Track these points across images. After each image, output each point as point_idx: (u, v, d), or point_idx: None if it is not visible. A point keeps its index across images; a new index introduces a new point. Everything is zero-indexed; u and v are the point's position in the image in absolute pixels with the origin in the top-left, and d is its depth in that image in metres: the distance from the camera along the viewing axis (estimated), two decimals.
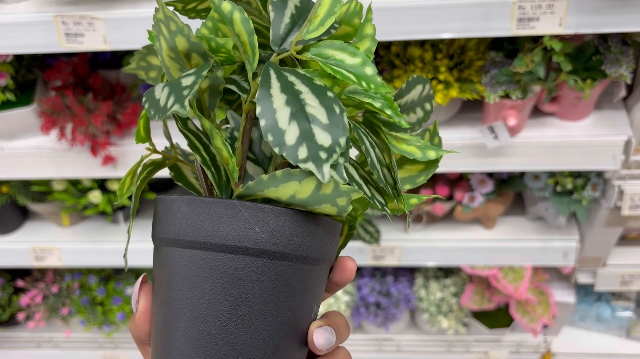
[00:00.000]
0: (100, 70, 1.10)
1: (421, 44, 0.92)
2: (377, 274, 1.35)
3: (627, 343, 1.37)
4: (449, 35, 0.81)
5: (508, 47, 0.94)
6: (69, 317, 1.42)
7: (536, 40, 0.86)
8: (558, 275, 1.32)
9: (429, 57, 0.90)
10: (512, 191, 1.17)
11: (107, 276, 1.41)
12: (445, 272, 1.34)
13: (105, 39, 0.84)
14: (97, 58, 1.12)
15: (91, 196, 1.14)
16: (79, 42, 0.84)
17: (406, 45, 0.92)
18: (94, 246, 1.23)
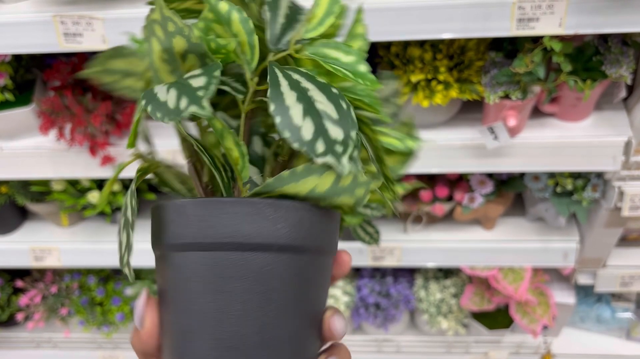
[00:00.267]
0: None
1: (421, 44, 0.92)
2: (377, 275, 1.34)
3: (627, 344, 1.37)
4: (448, 35, 0.81)
5: (508, 48, 0.93)
6: (68, 317, 1.42)
7: (536, 41, 0.86)
8: (558, 275, 1.32)
9: (429, 58, 0.90)
10: (512, 192, 1.17)
11: (106, 276, 1.41)
12: (445, 273, 1.34)
13: (104, 38, 0.84)
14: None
15: (90, 197, 1.13)
16: (77, 42, 0.84)
17: (406, 45, 0.92)
18: (93, 246, 1.23)
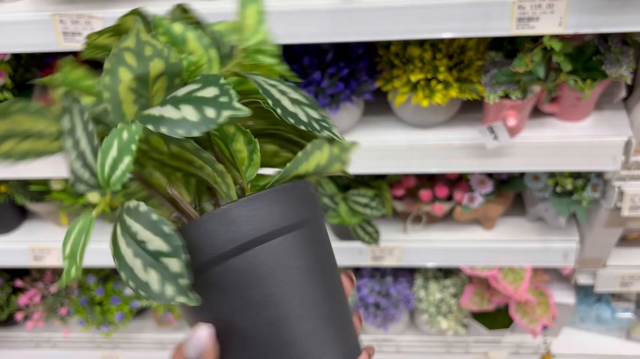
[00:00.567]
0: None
1: (420, 43, 0.92)
2: (377, 274, 1.34)
3: (627, 344, 1.37)
4: (448, 34, 0.81)
5: (508, 47, 0.93)
6: (67, 317, 1.41)
7: (536, 40, 0.86)
8: (558, 275, 1.32)
9: (429, 57, 0.90)
10: (511, 192, 1.17)
11: (105, 276, 1.41)
12: (444, 273, 1.34)
13: None
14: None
15: (89, 196, 1.13)
16: (76, 41, 0.84)
17: (405, 44, 0.92)
18: (92, 246, 1.23)
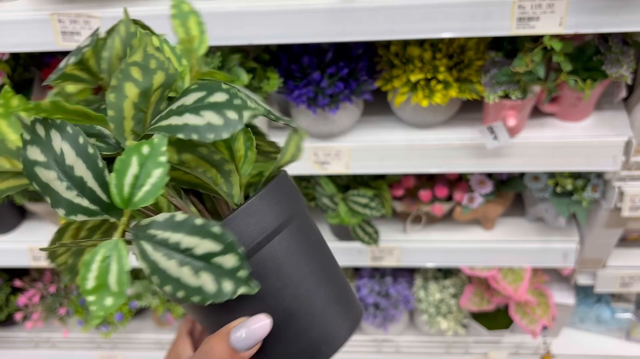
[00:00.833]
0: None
1: (420, 43, 0.91)
2: (376, 275, 1.34)
3: (627, 344, 1.37)
4: (448, 34, 0.81)
5: (508, 47, 0.93)
6: (66, 317, 1.41)
7: (536, 40, 0.86)
8: (558, 276, 1.32)
9: (428, 57, 0.90)
10: (511, 192, 1.16)
11: None
12: (444, 273, 1.34)
13: None
14: None
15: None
16: (75, 41, 0.83)
17: (405, 44, 0.92)
18: None
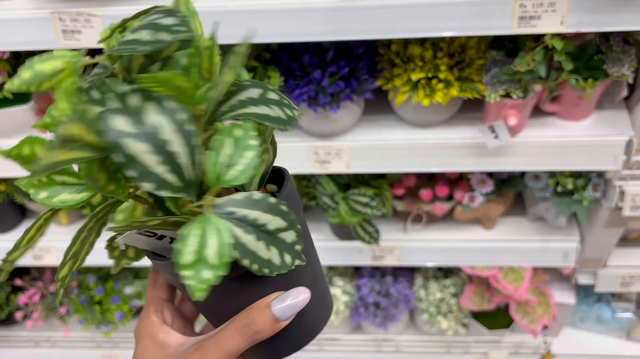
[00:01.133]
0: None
1: (421, 42, 0.91)
2: (377, 274, 1.34)
3: (627, 344, 1.37)
4: (449, 33, 0.81)
5: (509, 46, 0.93)
6: (67, 316, 1.41)
7: (537, 39, 0.86)
8: (558, 275, 1.32)
9: (429, 56, 0.90)
10: (512, 192, 1.16)
11: (105, 275, 1.40)
12: (444, 272, 1.34)
13: None
14: (93, 55, 1.12)
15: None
16: (76, 39, 0.83)
17: (406, 43, 0.92)
18: None
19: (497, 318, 1.33)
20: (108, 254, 0.45)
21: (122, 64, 0.37)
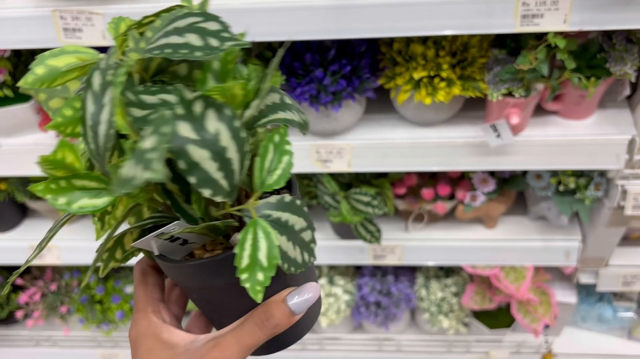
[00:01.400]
0: None
1: (423, 40, 0.91)
2: (378, 273, 1.34)
3: (629, 343, 1.37)
4: (451, 32, 0.80)
5: (511, 45, 0.93)
6: (67, 315, 1.41)
7: (540, 38, 0.85)
8: (560, 275, 1.32)
9: (431, 54, 0.89)
10: (514, 191, 1.16)
11: (105, 274, 1.40)
12: (446, 272, 1.34)
13: (104, 34, 0.83)
14: None
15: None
16: (77, 38, 0.83)
17: (408, 42, 0.91)
18: (92, 244, 1.22)
19: (498, 318, 1.33)
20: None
21: (143, 64, 0.37)
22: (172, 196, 0.39)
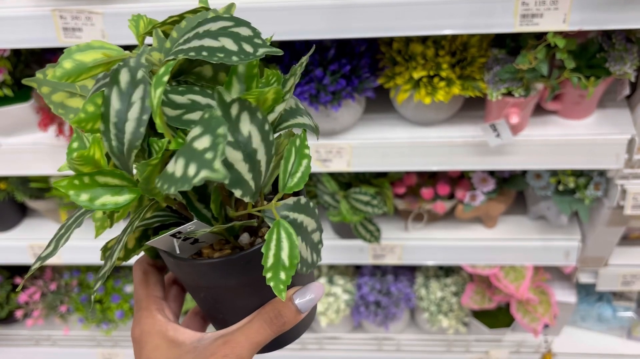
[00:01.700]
0: None
1: (423, 40, 0.91)
2: (378, 273, 1.34)
3: (628, 343, 1.37)
4: (451, 31, 0.80)
5: (511, 44, 0.93)
6: (67, 315, 1.41)
7: (539, 37, 0.85)
8: (559, 274, 1.32)
9: (431, 54, 0.89)
10: (513, 190, 1.16)
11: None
12: (445, 271, 1.34)
13: (104, 33, 0.83)
14: None
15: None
16: (77, 37, 0.83)
17: (408, 41, 0.91)
18: (92, 243, 1.22)
19: (498, 317, 1.33)
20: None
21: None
22: (187, 195, 0.40)
